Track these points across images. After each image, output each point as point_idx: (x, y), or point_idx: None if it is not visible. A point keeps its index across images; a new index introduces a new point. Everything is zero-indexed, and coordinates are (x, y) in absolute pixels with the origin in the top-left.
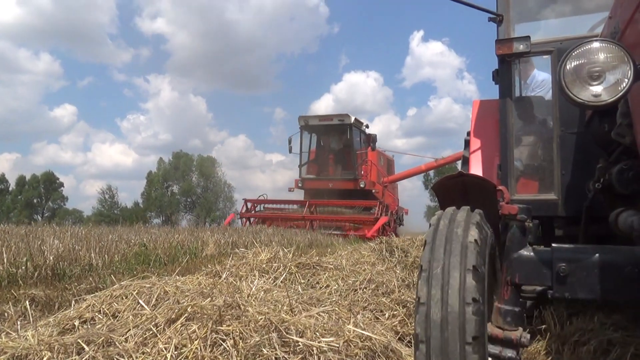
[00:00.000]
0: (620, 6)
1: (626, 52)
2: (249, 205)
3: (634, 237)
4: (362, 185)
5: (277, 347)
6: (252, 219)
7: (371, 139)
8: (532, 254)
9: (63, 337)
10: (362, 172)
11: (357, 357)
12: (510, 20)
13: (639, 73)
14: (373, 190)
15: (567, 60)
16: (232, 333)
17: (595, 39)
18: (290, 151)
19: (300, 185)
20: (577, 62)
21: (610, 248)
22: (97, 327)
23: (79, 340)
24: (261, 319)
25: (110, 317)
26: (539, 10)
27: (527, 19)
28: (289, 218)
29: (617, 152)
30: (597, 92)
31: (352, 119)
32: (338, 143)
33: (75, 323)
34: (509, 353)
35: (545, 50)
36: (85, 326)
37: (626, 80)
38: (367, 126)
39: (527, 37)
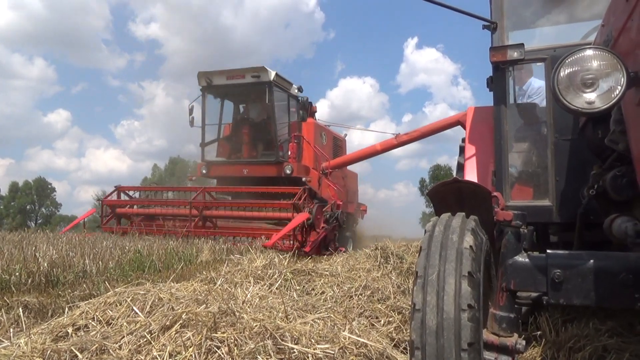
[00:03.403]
0: (613, 14)
1: (619, 60)
2: (119, 197)
3: (628, 243)
4: (287, 172)
5: (272, 354)
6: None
7: (301, 105)
8: (527, 260)
9: (56, 344)
10: (289, 153)
11: None
12: (505, 28)
13: (631, 80)
14: (304, 179)
15: (561, 68)
16: (227, 340)
17: (588, 46)
18: (191, 124)
19: (204, 171)
20: (571, 70)
21: (604, 254)
22: (91, 334)
23: (72, 347)
24: (256, 325)
25: (104, 324)
26: (532, 18)
27: (521, 27)
28: (168, 216)
29: (611, 159)
30: (590, 99)
31: (272, 74)
32: (257, 111)
33: (68, 330)
34: (505, 359)
35: (539, 58)
36: (78, 333)
37: (619, 87)
38: (299, 89)
39: (521, 45)
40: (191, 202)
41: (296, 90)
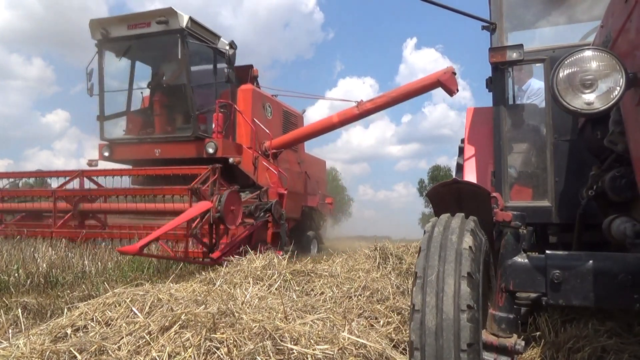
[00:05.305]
0: (612, 15)
1: (618, 61)
2: None
3: (627, 244)
4: (210, 151)
5: (271, 354)
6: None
7: (227, 61)
8: (526, 260)
9: (55, 345)
10: (214, 127)
11: None
12: (504, 29)
13: (630, 81)
14: (231, 160)
15: (560, 69)
16: (226, 341)
17: (587, 47)
18: (90, 93)
19: (106, 154)
20: (570, 70)
21: (603, 255)
22: (90, 335)
23: (71, 348)
24: (255, 326)
25: (103, 325)
26: (531, 19)
27: (520, 28)
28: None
29: (610, 160)
30: (589, 100)
31: (185, 19)
32: (172, 72)
33: (67, 331)
34: None
35: (538, 59)
36: (77, 334)
37: (618, 88)
38: (232, 45)
39: (520, 45)
40: (55, 192)
41: (227, 47)
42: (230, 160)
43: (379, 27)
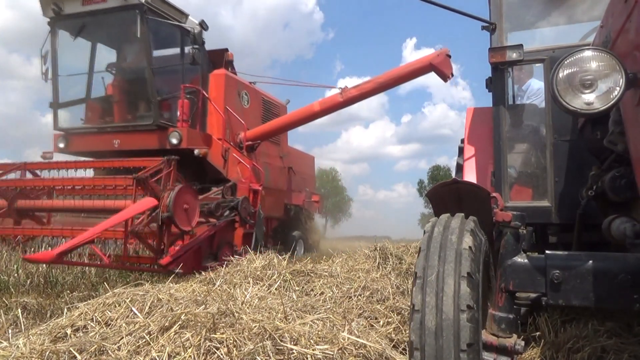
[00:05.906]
0: (612, 16)
1: (618, 61)
2: None
3: (626, 244)
4: (173, 142)
5: (271, 354)
6: None
7: (192, 39)
8: (526, 261)
9: (55, 345)
10: (179, 116)
11: None
12: (504, 29)
13: (630, 81)
14: (197, 152)
15: (560, 69)
16: (226, 341)
17: (587, 47)
18: (44, 78)
19: (62, 145)
20: (570, 71)
21: (603, 255)
22: (90, 335)
23: (71, 348)
24: (255, 326)
25: (103, 325)
26: (531, 20)
27: (520, 28)
28: None
29: (610, 160)
30: (589, 100)
31: None
32: (134, 54)
33: (67, 331)
34: None
35: (537, 59)
36: (77, 334)
37: (618, 88)
38: (202, 26)
39: (520, 45)
40: None
41: (197, 27)
42: (196, 151)
43: (379, 27)
